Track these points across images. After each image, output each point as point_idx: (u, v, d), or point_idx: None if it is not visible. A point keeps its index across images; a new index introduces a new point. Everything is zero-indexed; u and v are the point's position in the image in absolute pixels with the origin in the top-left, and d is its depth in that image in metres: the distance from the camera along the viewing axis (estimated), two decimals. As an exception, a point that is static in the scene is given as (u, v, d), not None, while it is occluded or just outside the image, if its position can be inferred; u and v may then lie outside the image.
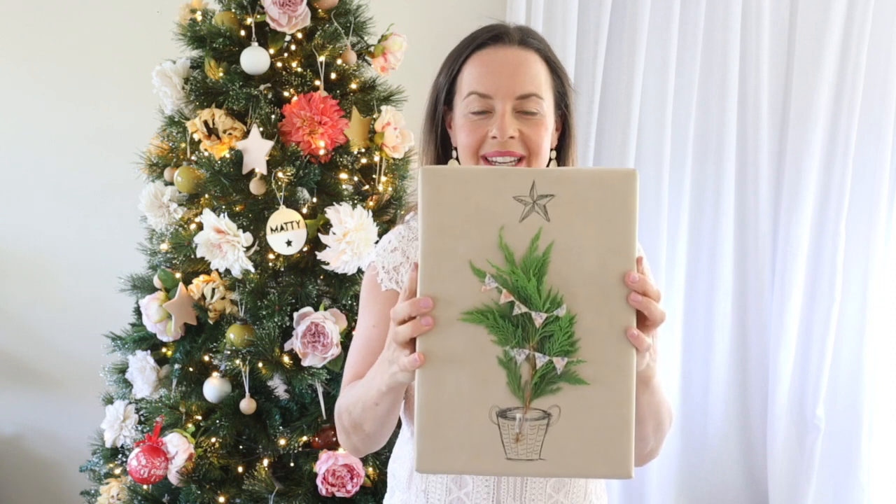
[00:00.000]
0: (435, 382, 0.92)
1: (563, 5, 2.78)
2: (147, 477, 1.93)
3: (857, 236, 2.99)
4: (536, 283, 0.91)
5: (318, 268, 2.02)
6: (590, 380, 0.91)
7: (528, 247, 0.91)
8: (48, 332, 2.87)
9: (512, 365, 0.91)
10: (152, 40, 2.37)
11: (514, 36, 1.23)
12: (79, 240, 2.84)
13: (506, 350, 0.91)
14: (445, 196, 0.91)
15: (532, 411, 0.91)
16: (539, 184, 0.91)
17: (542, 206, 0.91)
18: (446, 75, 1.26)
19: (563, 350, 0.91)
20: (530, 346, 0.91)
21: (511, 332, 0.91)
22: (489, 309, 0.91)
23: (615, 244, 0.91)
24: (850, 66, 2.88)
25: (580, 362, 0.91)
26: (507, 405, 0.92)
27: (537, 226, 0.91)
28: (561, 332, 0.91)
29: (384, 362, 1.02)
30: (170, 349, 2.12)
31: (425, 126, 1.29)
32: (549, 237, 0.91)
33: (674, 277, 2.99)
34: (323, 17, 2.12)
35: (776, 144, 3.00)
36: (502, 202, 0.91)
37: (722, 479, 3.11)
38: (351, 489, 1.96)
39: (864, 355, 3.02)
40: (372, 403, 1.10)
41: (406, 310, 0.93)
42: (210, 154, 2.02)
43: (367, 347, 1.28)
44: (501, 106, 1.19)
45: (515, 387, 0.91)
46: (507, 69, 1.20)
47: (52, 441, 2.90)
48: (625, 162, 2.88)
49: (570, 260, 0.91)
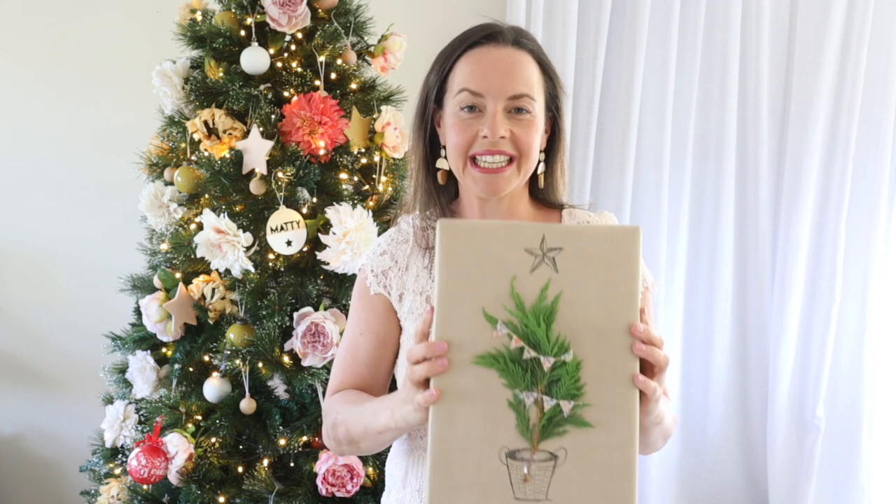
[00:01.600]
0: (447, 422, 0.96)
1: (563, 5, 2.78)
2: (147, 477, 1.93)
3: (857, 236, 2.99)
4: (545, 329, 0.96)
5: (318, 268, 2.02)
6: (595, 423, 0.96)
7: (537, 296, 0.96)
8: (48, 332, 2.87)
9: (521, 407, 0.96)
10: (152, 40, 2.37)
11: (507, 36, 1.22)
12: (79, 240, 2.84)
13: (515, 393, 0.96)
14: (461, 247, 0.97)
15: (540, 453, 0.96)
16: (549, 238, 0.97)
17: (552, 259, 0.97)
18: (438, 73, 1.24)
19: (570, 394, 0.96)
20: (539, 389, 0.96)
21: (521, 376, 0.96)
22: (500, 353, 0.96)
23: (619, 295, 0.96)
24: (850, 66, 2.88)
25: (586, 406, 0.96)
26: (516, 446, 0.96)
27: (546, 277, 0.97)
28: (568, 377, 0.96)
29: (398, 401, 1.06)
30: (170, 349, 2.12)
31: (415, 124, 1.29)
32: (557, 287, 0.96)
33: (674, 277, 2.99)
34: (323, 17, 2.12)
35: (776, 144, 3.00)
36: (514, 254, 0.97)
37: (722, 479, 3.11)
38: (351, 489, 1.96)
39: (864, 355, 3.02)
40: (376, 432, 1.14)
41: (422, 351, 0.98)
42: (210, 154, 2.03)
43: (353, 356, 1.30)
44: (493, 105, 1.18)
45: (524, 428, 0.96)
46: (500, 68, 1.19)
47: (52, 441, 2.90)
48: (625, 162, 2.88)
49: (577, 309, 0.96)
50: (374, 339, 1.30)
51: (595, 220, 1.32)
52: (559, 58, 2.78)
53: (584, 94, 2.86)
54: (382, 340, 1.30)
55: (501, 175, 1.20)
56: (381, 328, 1.30)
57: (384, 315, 1.30)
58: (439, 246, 0.97)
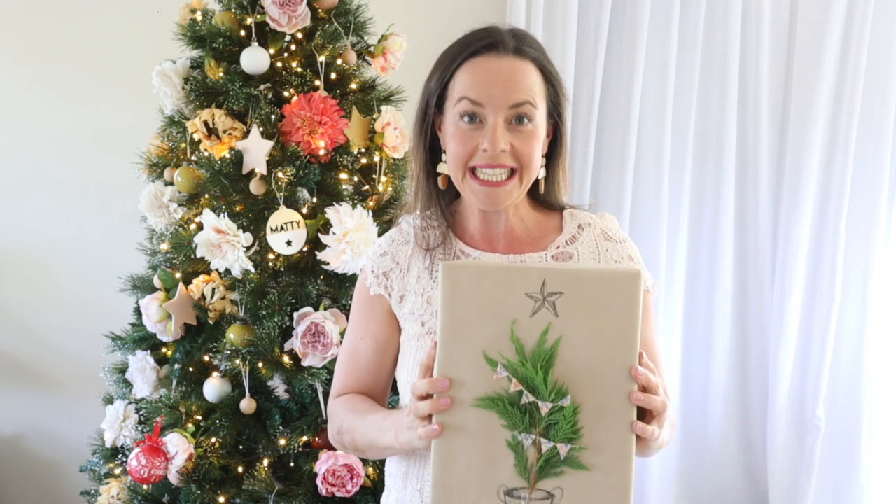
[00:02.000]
0: (448, 458, 1.00)
1: (563, 5, 2.78)
2: (147, 477, 1.93)
3: (857, 236, 2.99)
4: (543, 375, 0.99)
5: (318, 268, 2.02)
6: (591, 466, 0.99)
7: (537, 340, 0.99)
8: (48, 332, 2.87)
9: (520, 448, 0.99)
10: (152, 40, 2.36)
11: (509, 44, 1.20)
12: (79, 240, 2.84)
13: (514, 434, 0.99)
14: (463, 290, 1.00)
15: (537, 492, 0.99)
16: (549, 282, 0.99)
17: (552, 303, 0.99)
18: (438, 79, 1.23)
19: (567, 437, 0.98)
20: (537, 432, 0.99)
21: (519, 419, 0.99)
22: (500, 396, 0.99)
23: (619, 339, 0.99)
24: (850, 66, 2.87)
25: (582, 449, 0.99)
26: (513, 485, 0.99)
27: (547, 321, 0.99)
28: (565, 421, 0.99)
29: (403, 427, 1.10)
30: (170, 349, 2.12)
31: (415, 129, 1.28)
32: (557, 332, 0.99)
33: (674, 277, 2.99)
34: (323, 17, 2.12)
35: (776, 144, 3.00)
36: (515, 298, 0.99)
37: (722, 479, 3.11)
38: (351, 489, 1.96)
39: (864, 355, 3.02)
40: (380, 448, 1.20)
41: (425, 388, 1.01)
42: (210, 154, 2.02)
43: (355, 360, 1.33)
44: (493, 117, 1.17)
45: (522, 468, 0.99)
46: (501, 79, 1.18)
47: (52, 441, 2.90)
48: (625, 162, 2.88)
49: (577, 353, 0.99)
50: (375, 344, 1.31)
51: (596, 221, 1.32)
52: (559, 58, 2.78)
53: (584, 94, 2.86)
54: (383, 345, 1.31)
55: (503, 189, 1.19)
56: (381, 332, 1.30)
57: (384, 319, 1.30)
58: (442, 287, 1.01)
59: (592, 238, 1.30)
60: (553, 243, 1.29)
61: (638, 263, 1.31)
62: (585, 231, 1.30)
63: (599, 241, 1.30)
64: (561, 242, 1.29)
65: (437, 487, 1.00)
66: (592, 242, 1.29)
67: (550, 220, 1.32)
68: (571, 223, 1.31)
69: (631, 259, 1.31)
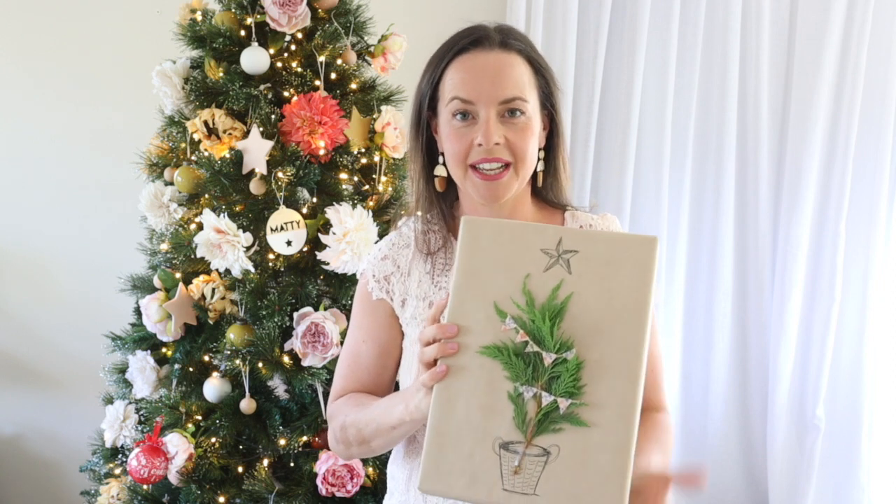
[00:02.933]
0: (447, 406, 0.99)
1: (563, 5, 2.78)
2: (147, 477, 1.93)
3: (857, 236, 2.99)
4: (550, 326, 0.98)
5: (318, 268, 2.02)
6: (591, 423, 0.97)
7: (548, 295, 0.99)
8: (48, 332, 2.87)
9: (520, 401, 0.98)
10: (152, 40, 2.37)
11: (494, 38, 1.20)
12: (79, 240, 2.84)
13: (516, 386, 0.98)
14: (481, 242, 1.01)
15: (533, 447, 0.97)
16: (566, 240, 1.00)
17: (566, 261, 0.99)
18: (428, 81, 1.23)
19: (568, 392, 0.97)
20: (539, 385, 0.98)
21: (522, 370, 0.98)
22: (506, 346, 0.99)
23: (630, 301, 0.98)
24: (850, 66, 2.87)
25: (583, 405, 0.97)
26: (510, 438, 0.98)
27: (559, 277, 0.99)
28: (567, 374, 0.97)
29: (412, 392, 1.08)
30: (170, 349, 2.12)
31: (411, 132, 1.28)
32: (569, 288, 0.99)
33: (674, 277, 2.99)
34: (323, 17, 2.12)
35: (776, 144, 3.00)
36: (530, 253, 1.00)
37: (722, 479, 3.11)
38: (351, 489, 1.96)
39: (864, 355, 3.02)
40: (390, 427, 1.15)
41: (432, 333, 1.01)
42: (210, 154, 2.02)
43: (356, 363, 1.31)
44: (485, 112, 1.17)
45: (520, 421, 0.98)
46: (489, 74, 1.18)
47: (52, 441, 2.90)
48: (625, 162, 2.88)
49: (586, 311, 0.98)
50: (376, 347, 1.30)
51: (598, 222, 1.31)
52: (559, 58, 2.78)
53: (584, 94, 2.86)
54: (384, 349, 1.30)
55: (500, 181, 1.19)
56: (383, 336, 1.30)
57: (386, 322, 1.30)
58: (461, 239, 1.02)
59: None
60: None
61: None
62: None
63: None
64: None
65: (431, 434, 0.99)
66: None
67: (551, 219, 1.31)
68: (573, 224, 1.31)
69: None
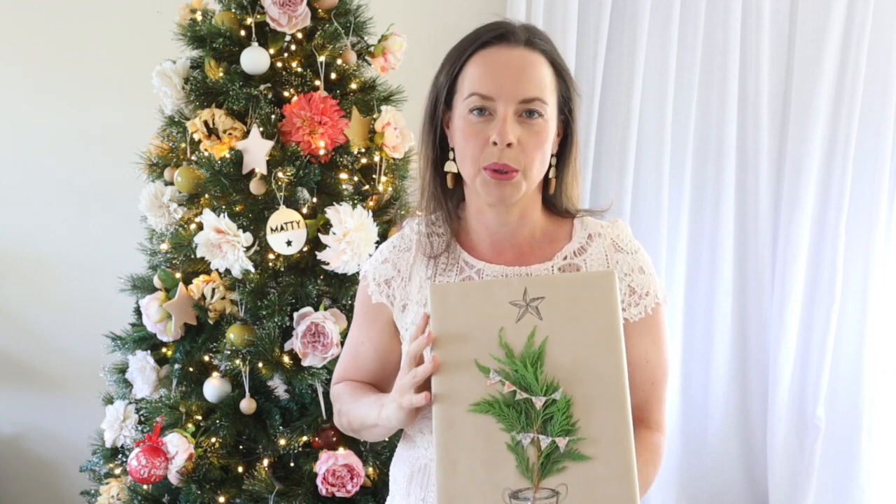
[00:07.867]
0: (451, 469, 1.02)
1: (563, 5, 2.78)
2: (147, 477, 1.93)
3: (857, 236, 2.99)
4: (534, 371, 1.02)
5: (318, 268, 2.02)
6: (592, 455, 1.00)
7: (525, 342, 1.04)
8: (48, 332, 2.86)
9: (519, 449, 1.01)
10: (152, 40, 2.36)
11: (520, 36, 1.18)
12: (79, 240, 2.84)
13: (513, 435, 1.01)
14: (451, 307, 1.06)
15: (542, 490, 1.00)
16: (530, 289, 1.05)
17: (535, 307, 1.05)
18: (447, 74, 1.20)
19: (564, 430, 1.01)
20: (534, 429, 1.01)
21: (516, 419, 1.02)
22: (495, 399, 1.02)
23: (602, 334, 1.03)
24: (850, 66, 2.87)
25: (581, 440, 1.00)
26: (518, 486, 1.00)
27: (532, 324, 1.04)
28: (560, 414, 1.01)
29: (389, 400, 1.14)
30: (170, 349, 2.12)
31: (424, 126, 1.25)
32: (543, 333, 1.04)
33: (674, 277, 2.99)
34: (323, 17, 2.12)
35: (776, 144, 3.00)
36: (500, 308, 1.05)
37: (722, 479, 3.11)
38: (351, 489, 1.96)
39: (864, 355, 3.02)
40: (370, 424, 1.21)
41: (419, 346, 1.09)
42: (210, 154, 2.02)
43: (356, 359, 1.35)
44: (504, 109, 1.14)
45: (524, 468, 1.00)
46: (512, 71, 1.15)
47: (52, 441, 2.90)
48: (625, 162, 2.88)
49: (563, 350, 1.03)
50: (374, 351, 1.32)
51: (607, 230, 1.27)
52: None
53: (584, 94, 2.86)
54: (382, 354, 1.31)
55: (510, 182, 1.16)
56: (381, 340, 1.31)
57: (385, 328, 1.30)
58: (431, 307, 1.07)
59: (602, 249, 1.25)
60: (560, 252, 1.25)
61: (649, 275, 1.25)
62: (595, 241, 1.26)
63: (609, 253, 1.25)
64: (569, 252, 1.25)
65: (441, 496, 1.02)
66: (602, 254, 1.25)
67: (560, 227, 1.28)
68: (581, 232, 1.27)
69: (642, 271, 1.25)
